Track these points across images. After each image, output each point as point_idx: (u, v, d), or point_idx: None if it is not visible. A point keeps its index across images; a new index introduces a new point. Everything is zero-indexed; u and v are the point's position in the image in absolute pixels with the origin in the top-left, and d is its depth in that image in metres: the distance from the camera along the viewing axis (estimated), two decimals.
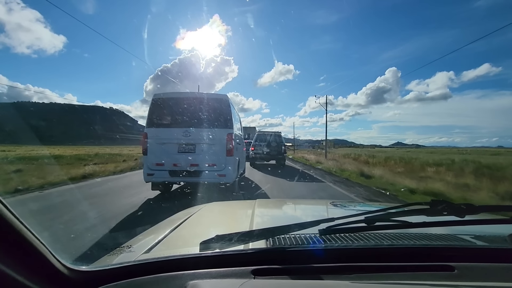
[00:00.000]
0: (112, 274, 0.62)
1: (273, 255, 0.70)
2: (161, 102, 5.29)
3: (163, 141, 5.11)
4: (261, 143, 13.56)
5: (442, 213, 0.68)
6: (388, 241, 0.76)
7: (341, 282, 0.59)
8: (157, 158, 5.08)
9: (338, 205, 1.52)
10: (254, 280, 0.59)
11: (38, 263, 0.51)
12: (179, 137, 5.09)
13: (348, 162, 15.59)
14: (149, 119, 5.22)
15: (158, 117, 5.31)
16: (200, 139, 5.11)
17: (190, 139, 5.09)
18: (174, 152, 5.09)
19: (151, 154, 5.09)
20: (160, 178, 5.10)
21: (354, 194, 6.42)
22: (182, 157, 5.07)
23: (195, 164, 5.06)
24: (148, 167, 5.08)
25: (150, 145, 5.10)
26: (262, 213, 1.38)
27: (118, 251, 0.83)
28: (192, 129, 5.12)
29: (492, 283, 0.59)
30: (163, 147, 5.11)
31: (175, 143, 5.12)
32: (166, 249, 0.84)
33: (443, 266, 0.65)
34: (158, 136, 5.13)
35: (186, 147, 5.12)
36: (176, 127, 5.21)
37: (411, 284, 0.58)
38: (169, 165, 5.05)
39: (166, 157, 5.07)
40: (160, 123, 5.28)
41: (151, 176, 5.07)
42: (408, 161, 17.30)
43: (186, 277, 0.59)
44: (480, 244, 0.80)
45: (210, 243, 0.70)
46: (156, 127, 5.21)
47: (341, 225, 0.73)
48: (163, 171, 5.04)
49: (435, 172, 10.24)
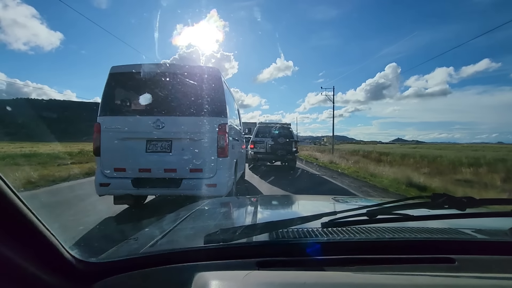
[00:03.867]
0: (120, 266, 0.62)
1: (277, 247, 0.71)
2: (121, 79, 3.63)
3: (124, 136, 3.46)
4: (264, 139, 9.98)
5: (443, 206, 0.68)
6: (389, 234, 0.75)
7: (344, 273, 0.59)
8: (115, 160, 3.45)
9: (340, 200, 1.52)
10: (258, 271, 0.60)
11: (51, 255, 0.52)
12: (148, 129, 3.44)
13: (363, 161, 13.65)
14: (104, 104, 3.56)
15: (117, 100, 3.66)
16: (178, 132, 3.47)
17: (164, 133, 3.46)
18: (141, 151, 3.45)
19: (106, 155, 3.45)
20: (119, 189, 3.45)
21: None
22: (152, 158, 3.43)
23: (172, 170, 3.43)
24: (102, 173, 3.44)
25: (105, 141, 3.45)
26: (265, 208, 1.41)
27: (126, 244, 0.85)
28: (166, 117, 3.47)
29: (492, 274, 0.58)
30: (125, 145, 3.46)
31: (142, 139, 3.48)
32: (171, 242, 0.85)
33: (444, 258, 0.65)
34: (117, 128, 3.47)
35: (159, 144, 3.48)
36: (143, 115, 3.58)
37: (412, 275, 0.58)
38: (133, 170, 3.42)
39: (129, 159, 3.44)
40: (120, 109, 3.62)
41: (105, 187, 3.41)
42: (432, 159, 15.44)
43: (192, 269, 0.60)
44: (481, 237, 0.80)
45: (215, 236, 0.68)
46: (113, 115, 3.56)
47: (343, 219, 0.73)
48: (123, 179, 3.40)
49: (483, 173, 8.47)
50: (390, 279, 0.55)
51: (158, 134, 3.46)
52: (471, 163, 12.63)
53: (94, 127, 3.48)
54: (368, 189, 6.75)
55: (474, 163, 12.22)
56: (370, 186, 7.14)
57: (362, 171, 10.01)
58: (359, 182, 7.87)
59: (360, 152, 22.59)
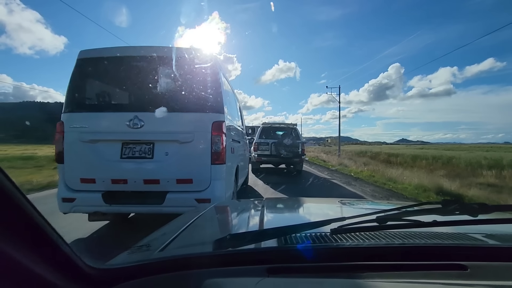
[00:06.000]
0: (130, 272, 0.61)
1: (287, 253, 0.70)
2: (91, 66, 2.88)
3: (93, 138, 2.73)
4: (268, 140, 9.23)
5: (454, 213, 0.68)
6: (399, 240, 0.73)
7: (355, 280, 0.58)
8: (81, 169, 2.71)
9: (347, 203, 1.51)
10: (270, 278, 0.58)
11: (63, 261, 0.51)
12: (123, 129, 2.70)
13: (373, 163, 12.86)
14: (70, 98, 2.82)
15: (85, 93, 2.93)
16: (162, 133, 2.73)
17: (144, 134, 2.71)
18: (114, 157, 2.71)
19: (71, 162, 2.72)
20: (87, 206, 2.71)
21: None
22: (128, 167, 2.69)
23: (154, 180, 2.68)
24: (66, 185, 2.71)
25: (70, 144, 2.72)
26: (272, 212, 1.38)
27: (135, 249, 0.83)
28: (146, 114, 2.72)
29: (506, 282, 0.57)
30: (94, 149, 2.72)
31: (115, 141, 2.74)
32: (180, 247, 0.84)
33: (456, 265, 0.63)
34: (85, 127, 2.73)
35: (137, 148, 2.73)
36: (118, 111, 2.85)
37: (423, 283, 0.57)
38: (105, 181, 2.67)
39: (99, 168, 2.70)
40: (89, 104, 2.90)
41: (69, 203, 2.66)
42: (447, 161, 14.60)
43: (202, 275, 0.59)
44: (493, 243, 0.79)
45: (224, 242, 0.67)
46: (80, 111, 2.83)
47: (353, 225, 0.72)
48: (92, 192, 2.67)
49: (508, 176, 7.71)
50: (402, 286, 0.56)
51: (137, 135, 2.72)
52: (491, 165, 11.87)
53: (56, 126, 2.75)
54: (397, 200, 5.77)
55: (495, 165, 11.44)
56: (398, 197, 6.15)
57: (378, 175, 9.02)
58: (382, 190, 6.83)
59: (368, 154, 21.87)
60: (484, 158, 15.85)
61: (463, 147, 78.03)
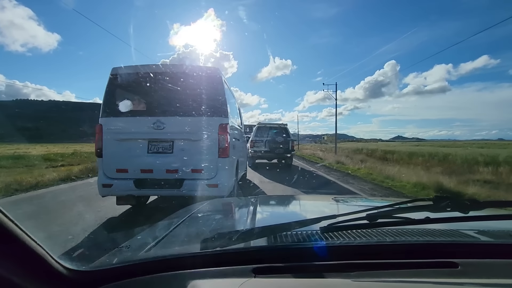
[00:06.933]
0: (112, 274, 0.60)
1: (274, 253, 0.68)
2: (122, 80, 3.63)
3: (125, 137, 3.50)
4: (263, 138, 10.52)
5: (445, 209, 0.67)
6: (390, 237, 0.73)
7: (343, 280, 0.57)
8: (117, 161, 3.47)
9: (340, 200, 1.47)
10: (255, 279, 0.57)
11: (36, 265, 0.49)
12: (149, 130, 3.46)
13: (370, 160, 12.90)
14: (105, 105, 3.58)
15: (118, 101, 3.68)
16: (179, 133, 3.49)
17: (165, 134, 3.48)
18: (143, 152, 3.47)
19: (108, 156, 3.48)
20: (122, 190, 3.48)
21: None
22: (154, 159, 3.46)
23: (174, 170, 3.44)
24: (105, 174, 3.47)
25: (107, 142, 3.48)
26: (264, 210, 1.37)
27: (117, 251, 0.82)
28: (167, 118, 3.49)
29: (497, 279, 0.57)
30: (126, 146, 3.49)
31: (143, 140, 3.50)
32: (166, 248, 0.82)
33: (447, 262, 0.63)
34: (119, 129, 3.50)
35: (160, 145, 3.50)
36: (144, 116, 3.61)
37: (414, 282, 0.57)
38: (136, 171, 3.44)
39: (131, 160, 3.46)
40: (121, 111, 3.65)
41: (108, 188, 3.45)
42: (443, 158, 14.37)
43: (186, 276, 0.58)
44: (485, 239, 0.77)
45: (211, 242, 0.66)
46: (115, 116, 3.58)
47: (343, 222, 0.72)
48: (126, 180, 3.43)
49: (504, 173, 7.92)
50: (393, 286, 0.54)
51: (159, 135, 3.48)
52: (487, 161, 11.98)
53: (95, 128, 3.51)
54: (396, 198, 5.59)
55: (492, 162, 11.57)
56: (397, 195, 6.12)
57: (375, 172, 9.06)
58: (381, 189, 6.77)
59: (364, 151, 21.88)
60: (480, 155, 15.74)
61: (458, 143, 78.04)
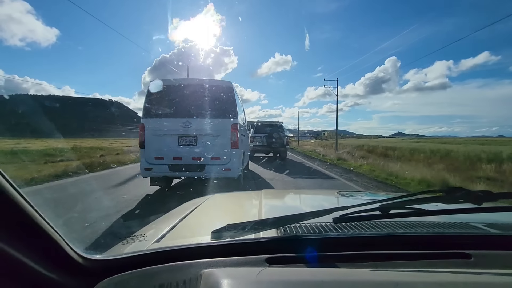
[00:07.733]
0: (126, 263, 0.61)
1: (287, 243, 0.69)
2: (157, 90, 4.83)
3: (161, 133, 4.69)
4: (261, 135, 12.33)
5: (458, 201, 0.66)
6: (402, 229, 0.74)
7: (357, 270, 0.57)
8: (155, 151, 4.66)
9: (345, 194, 1.49)
10: (271, 268, 0.58)
11: (53, 252, 0.51)
12: (179, 128, 4.66)
13: (372, 157, 13.07)
14: (146, 109, 4.78)
15: (155, 106, 4.86)
16: (202, 130, 4.69)
17: (191, 131, 4.67)
18: (174, 144, 4.67)
19: (149, 147, 4.68)
20: (160, 172, 4.71)
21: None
22: (183, 150, 4.65)
23: (198, 158, 4.64)
24: (146, 161, 4.67)
25: (148, 137, 4.68)
26: (270, 203, 1.37)
27: (131, 240, 0.83)
28: (193, 119, 4.68)
29: (510, 270, 0.56)
30: (162, 139, 4.69)
31: (175, 135, 4.69)
32: (177, 238, 0.83)
33: (460, 253, 0.63)
34: (156, 127, 4.70)
35: (187, 139, 4.69)
36: (175, 117, 4.78)
37: (428, 271, 0.56)
38: (169, 158, 4.64)
39: (166, 150, 4.65)
40: (158, 113, 4.83)
41: (149, 171, 4.67)
42: (445, 154, 14.41)
43: (200, 266, 0.58)
44: (497, 231, 0.78)
45: (222, 232, 0.67)
46: (153, 118, 4.78)
47: (355, 213, 0.71)
48: (162, 165, 4.64)
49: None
50: (408, 276, 0.54)
51: (187, 132, 4.67)
52: (490, 158, 12.12)
53: (139, 127, 4.72)
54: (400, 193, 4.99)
55: (494, 159, 11.70)
56: (403, 192, 5.35)
57: (378, 169, 9.00)
58: (386, 186, 6.72)
59: (365, 147, 21.70)
60: (482, 152, 15.75)
61: (458, 140, 77.19)
